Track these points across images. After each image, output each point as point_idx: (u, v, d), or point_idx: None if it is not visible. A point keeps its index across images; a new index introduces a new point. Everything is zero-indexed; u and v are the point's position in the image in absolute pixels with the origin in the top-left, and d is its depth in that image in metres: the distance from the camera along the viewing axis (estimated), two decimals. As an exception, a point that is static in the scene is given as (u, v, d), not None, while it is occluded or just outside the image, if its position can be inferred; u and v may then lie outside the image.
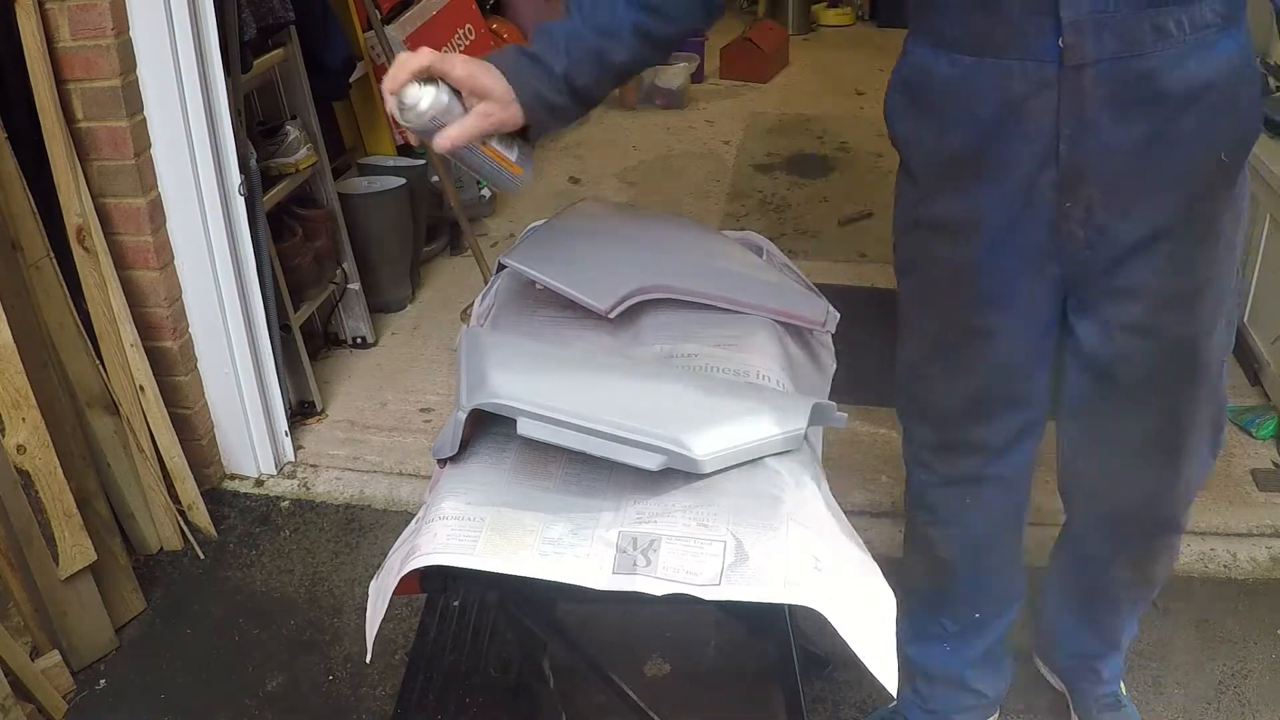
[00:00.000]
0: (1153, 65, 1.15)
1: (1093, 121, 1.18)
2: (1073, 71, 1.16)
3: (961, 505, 1.54)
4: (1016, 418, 1.46)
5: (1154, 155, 1.19)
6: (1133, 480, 1.45)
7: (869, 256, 3.44)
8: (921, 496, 1.59)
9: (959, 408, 1.47)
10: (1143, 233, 1.24)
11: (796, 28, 5.96)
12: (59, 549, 1.90)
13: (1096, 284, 1.30)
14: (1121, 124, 1.18)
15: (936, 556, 1.61)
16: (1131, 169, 1.20)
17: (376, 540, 2.30)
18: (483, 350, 1.20)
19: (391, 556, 1.08)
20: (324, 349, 2.96)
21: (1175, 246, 1.25)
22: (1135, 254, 1.26)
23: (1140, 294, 1.28)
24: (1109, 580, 1.60)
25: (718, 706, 1.90)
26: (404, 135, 3.64)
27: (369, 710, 1.91)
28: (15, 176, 1.93)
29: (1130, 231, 1.24)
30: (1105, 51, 1.14)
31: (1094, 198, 1.23)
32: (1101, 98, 1.17)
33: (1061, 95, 1.17)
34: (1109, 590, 1.63)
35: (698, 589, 0.96)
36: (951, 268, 1.36)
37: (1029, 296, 1.34)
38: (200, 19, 2.10)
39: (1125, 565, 1.57)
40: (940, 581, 1.64)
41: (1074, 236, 1.26)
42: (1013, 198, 1.26)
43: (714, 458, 1.06)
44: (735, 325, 1.39)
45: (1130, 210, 1.23)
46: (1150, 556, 1.56)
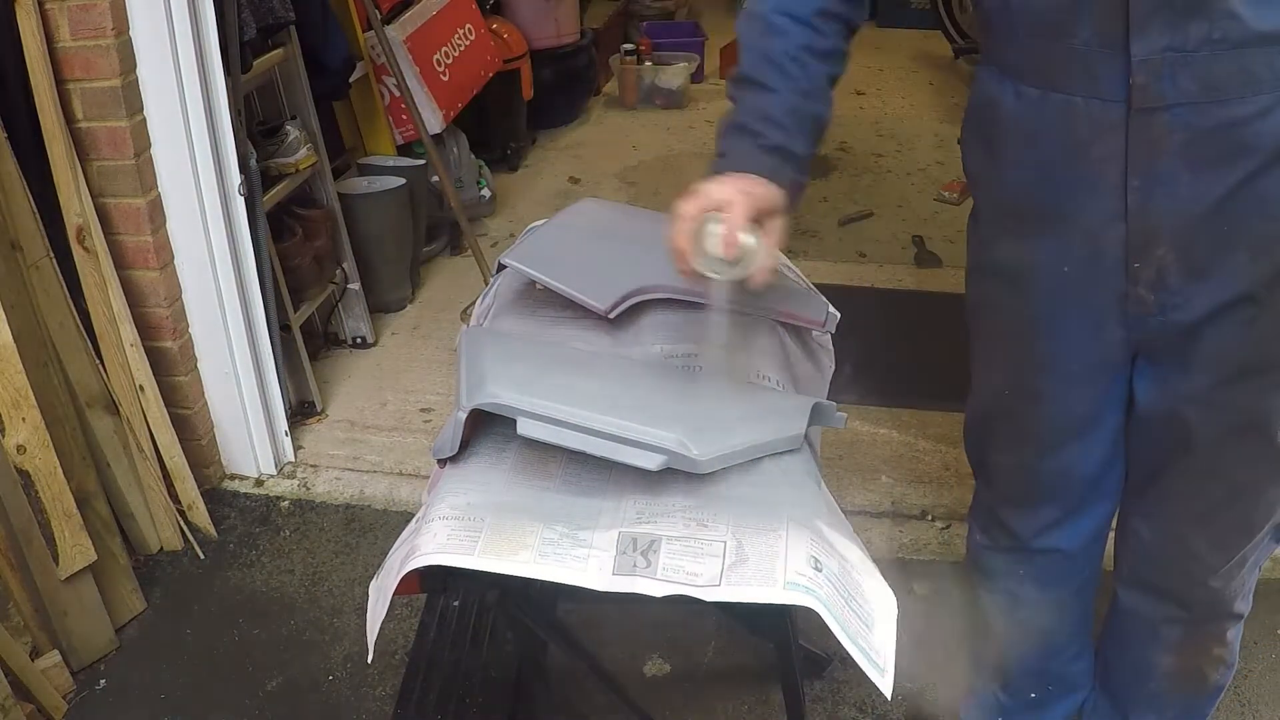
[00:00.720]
0: (1237, 114, 1.02)
1: (1166, 173, 1.06)
2: (1143, 115, 1.04)
3: (1015, 576, 1.44)
4: (1074, 490, 1.35)
5: (1236, 214, 1.07)
6: (1183, 557, 1.33)
7: (869, 256, 3.44)
8: (976, 559, 1.50)
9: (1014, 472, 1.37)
10: (1220, 300, 1.12)
11: (796, 28, 5.95)
12: (59, 549, 1.90)
13: (1167, 352, 1.19)
14: (1199, 178, 1.06)
15: (990, 627, 1.52)
16: (1209, 229, 1.08)
17: (376, 540, 2.30)
18: (483, 350, 1.20)
19: (391, 556, 1.08)
20: (324, 349, 2.96)
21: (1254, 318, 1.12)
22: (1210, 323, 1.14)
23: (1213, 366, 1.17)
24: (1151, 670, 1.45)
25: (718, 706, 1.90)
26: (404, 135, 3.59)
27: (369, 710, 1.91)
28: (15, 176, 1.93)
29: (1206, 299, 1.12)
30: (1182, 95, 1.02)
31: (1167, 259, 1.10)
32: (1176, 147, 1.05)
33: (1130, 141, 1.06)
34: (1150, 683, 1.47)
35: (697, 590, 0.96)
36: (1011, 320, 1.26)
37: (1091, 361, 1.23)
38: (200, 19, 2.10)
39: (1169, 652, 1.42)
40: (994, 651, 1.54)
41: (1143, 301, 1.14)
42: (1075, 252, 1.15)
43: (714, 458, 1.06)
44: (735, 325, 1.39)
45: (1207, 275, 1.11)
46: (1196, 646, 1.41)
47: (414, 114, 3.11)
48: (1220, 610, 1.38)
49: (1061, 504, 1.37)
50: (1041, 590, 1.44)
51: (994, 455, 1.39)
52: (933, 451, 2.50)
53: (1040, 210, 1.16)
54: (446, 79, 3.42)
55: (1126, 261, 1.13)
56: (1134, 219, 1.10)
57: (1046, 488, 1.36)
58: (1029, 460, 1.34)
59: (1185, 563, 1.34)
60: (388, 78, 3.22)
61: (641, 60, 4.87)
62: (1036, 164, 1.14)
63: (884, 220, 3.67)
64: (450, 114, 3.42)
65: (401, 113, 3.25)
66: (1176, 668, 1.44)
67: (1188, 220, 1.08)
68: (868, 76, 5.17)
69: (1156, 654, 1.44)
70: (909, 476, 2.43)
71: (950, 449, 2.51)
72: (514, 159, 4.18)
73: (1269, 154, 1.04)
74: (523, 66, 4.08)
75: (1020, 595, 1.45)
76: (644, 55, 4.88)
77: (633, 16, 5.52)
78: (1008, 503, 1.41)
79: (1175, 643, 1.42)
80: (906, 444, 2.54)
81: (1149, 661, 1.45)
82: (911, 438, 2.56)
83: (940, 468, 2.45)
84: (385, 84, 3.27)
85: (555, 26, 4.32)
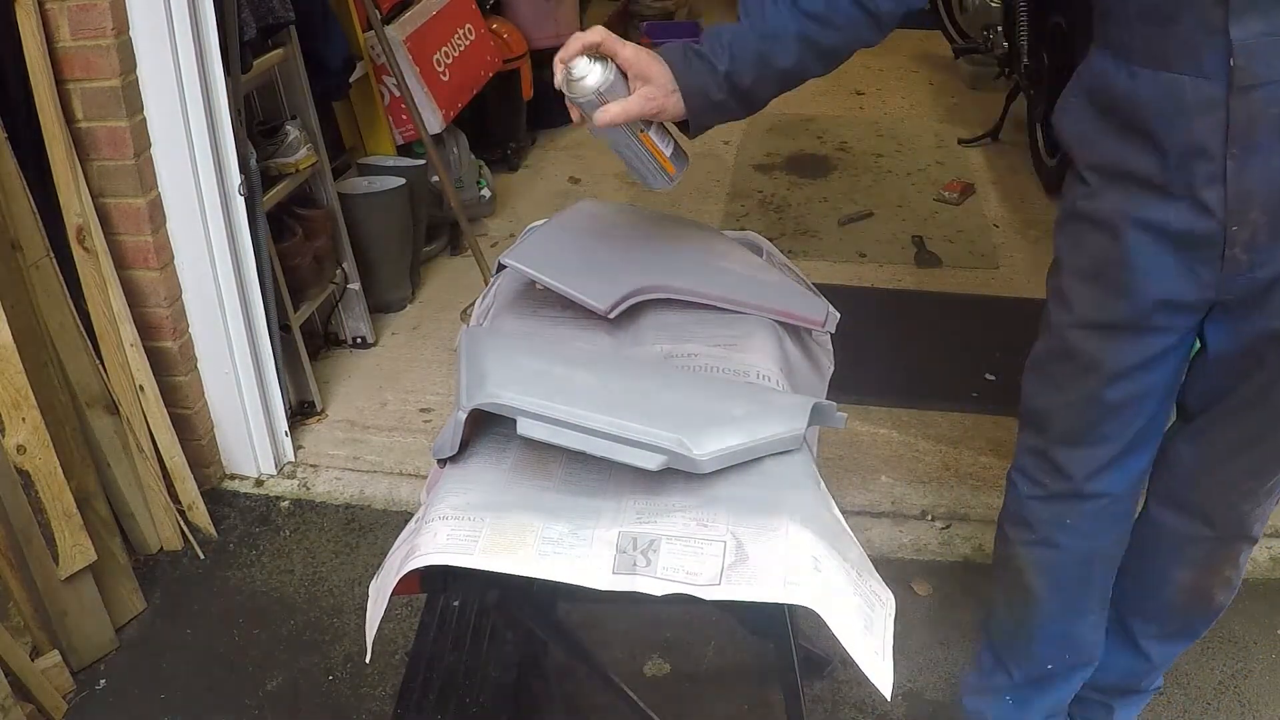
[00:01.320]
0: None
1: (1262, 144, 1.17)
2: (1242, 92, 1.15)
3: (1061, 525, 1.50)
4: (1129, 428, 1.43)
5: None
6: (1221, 479, 1.43)
7: (869, 256, 3.44)
8: (1019, 511, 1.54)
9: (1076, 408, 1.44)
10: None
11: (796, 28, 5.96)
12: (59, 549, 1.90)
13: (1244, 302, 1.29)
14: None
15: (1024, 584, 1.57)
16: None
17: (376, 540, 2.30)
18: (483, 350, 1.20)
19: (391, 556, 1.08)
20: (324, 349, 2.96)
21: None
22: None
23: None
24: (1165, 582, 1.55)
25: (718, 706, 1.91)
26: (404, 135, 3.60)
27: (369, 710, 1.91)
28: (15, 176, 1.93)
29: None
30: (1276, 74, 1.14)
31: (1259, 222, 1.21)
32: (1271, 121, 1.16)
33: (1231, 116, 1.17)
34: (1162, 595, 1.57)
35: (697, 589, 0.96)
36: (1105, 261, 1.34)
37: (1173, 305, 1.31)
38: (200, 19, 2.10)
39: (1187, 567, 1.52)
40: (1021, 616, 1.60)
41: (1237, 261, 1.24)
42: (1179, 212, 1.25)
43: (713, 458, 1.06)
44: (735, 325, 1.39)
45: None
46: (1213, 564, 1.51)
47: (414, 114, 3.11)
48: (1241, 531, 1.48)
49: (1117, 442, 1.44)
50: (1084, 539, 1.51)
51: (1059, 394, 1.45)
52: (933, 451, 2.50)
53: (1149, 173, 1.25)
54: (446, 79, 3.42)
55: (1224, 224, 1.22)
56: (1232, 185, 1.20)
57: (1105, 425, 1.43)
58: (1094, 393, 1.40)
59: (1221, 484, 1.44)
60: (388, 78, 3.22)
61: (642, 60, 4.86)
62: (1147, 133, 1.24)
63: (884, 220, 3.67)
64: (450, 114, 3.42)
65: (401, 113, 3.25)
66: (1191, 583, 1.53)
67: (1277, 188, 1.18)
68: (868, 76, 5.17)
69: (1176, 568, 1.53)
70: (909, 476, 2.43)
71: (950, 449, 2.51)
72: (514, 159, 4.18)
73: None
74: (523, 66, 4.08)
75: (1062, 545, 1.52)
76: (644, 55, 4.88)
77: (633, 16, 5.52)
78: (1064, 444, 1.47)
79: (1195, 559, 1.51)
80: (906, 444, 2.54)
81: (1168, 575, 1.54)
82: (911, 438, 2.56)
83: (940, 468, 2.45)
84: (385, 84, 3.27)
85: (555, 26, 4.32)
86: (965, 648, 1.99)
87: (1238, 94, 1.15)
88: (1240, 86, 1.15)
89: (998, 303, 3.11)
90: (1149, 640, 1.62)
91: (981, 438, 2.53)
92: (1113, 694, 1.71)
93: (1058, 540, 1.51)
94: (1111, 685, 1.70)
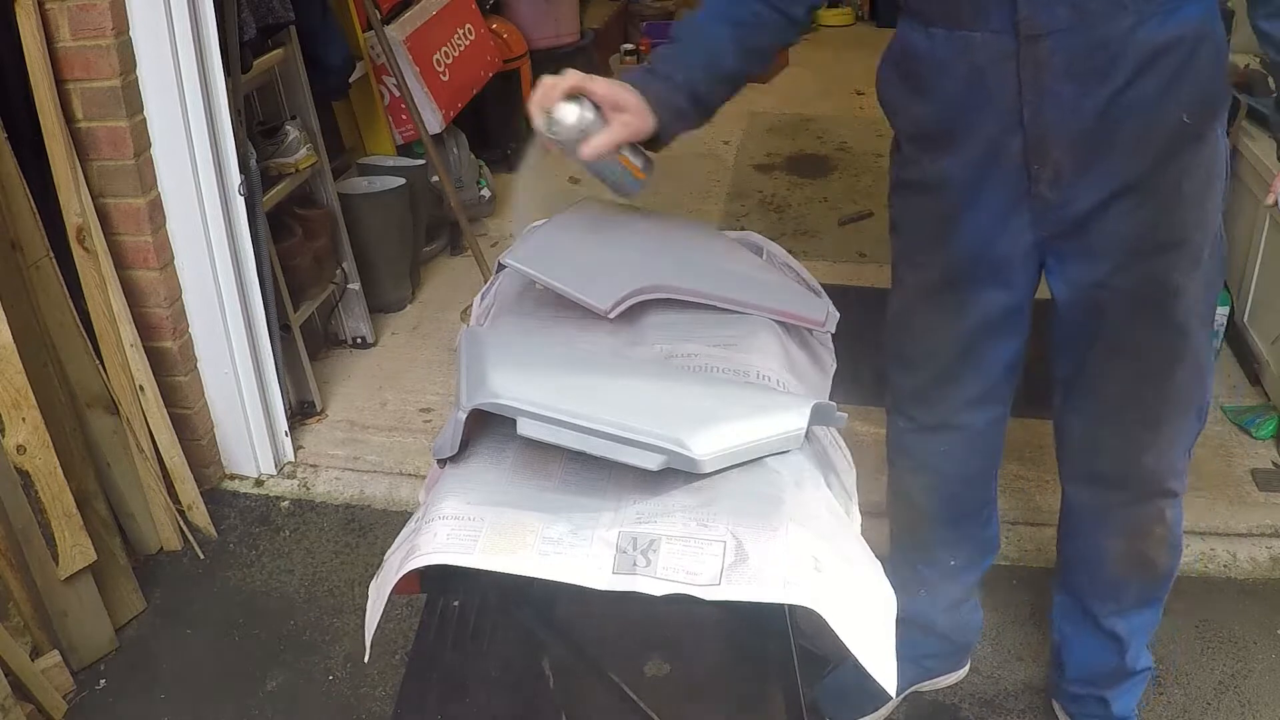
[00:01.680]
0: (1106, 33, 1.22)
1: (1051, 89, 1.25)
2: (1029, 42, 1.23)
3: (937, 453, 1.61)
4: (990, 369, 1.53)
5: (1113, 117, 1.26)
6: (1113, 439, 1.50)
7: (869, 256, 3.44)
8: (900, 443, 1.67)
9: (937, 355, 1.54)
10: (1105, 192, 1.32)
11: (796, 28, 5.96)
12: (59, 549, 1.90)
13: (1068, 243, 1.38)
14: (1080, 90, 1.25)
15: (915, 504, 1.69)
16: (1093, 132, 1.27)
17: (376, 540, 2.30)
18: (483, 350, 1.20)
19: (391, 556, 1.08)
20: (324, 349, 2.96)
21: (1139, 204, 1.32)
22: (1101, 212, 1.33)
23: (1106, 251, 1.36)
24: (1102, 556, 1.60)
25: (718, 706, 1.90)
26: (404, 135, 3.60)
27: (369, 710, 1.91)
28: (15, 176, 1.93)
29: (1094, 191, 1.32)
30: (1059, 22, 1.22)
31: (1061, 161, 1.30)
32: (1058, 66, 1.24)
33: (1021, 65, 1.25)
34: (1104, 570, 1.62)
35: (697, 589, 0.96)
36: (933, 221, 1.45)
37: (1005, 254, 1.41)
38: (200, 19, 2.10)
39: (1115, 535, 1.58)
40: (919, 528, 1.71)
41: (1043, 198, 1.34)
42: (983, 161, 1.34)
43: (714, 457, 1.06)
44: (735, 325, 1.39)
45: (1093, 170, 1.30)
46: (1139, 527, 1.56)
47: (414, 114, 3.11)
48: (1155, 488, 1.53)
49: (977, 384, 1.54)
50: (962, 463, 1.63)
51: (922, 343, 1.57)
52: (933, 451, 2.50)
53: (952, 129, 1.35)
54: (446, 79, 3.42)
55: (1027, 165, 1.32)
56: (1030, 129, 1.29)
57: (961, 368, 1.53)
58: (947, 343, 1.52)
59: (1116, 444, 1.51)
60: (388, 78, 3.22)
61: (641, 60, 4.87)
62: (946, 91, 1.33)
63: (884, 220, 3.64)
64: (450, 114, 3.42)
65: (401, 113, 3.25)
66: (1124, 551, 1.59)
67: (1074, 126, 1.27)
68: (868, 76, 5.13)
69: (1104, 538, 1.59)
70: (909, 476, 2.43)
71: (950, 449, 2.51)
72: (514, 159, 4.18)
73: (1136, 66, 1.23)
74: (523, 66, 4.08)
75: (941, 470, 1.64)
76: (644, 55, 4.88)
77: (633, 16, 5.52)
78: (931, 383, 1.58)
79: (1119, 525, 1.57)
80: (906, 444, 2.54)
81: (1099, 546, 1.61)
82: (911, 438, 2.55)
83: (940, 468, 2.45)
84: (385, 84, 3.27)
85: (555, 26, 4.32)
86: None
87: (1026, 44, 1.24)
88: (1027, 36, 1.23)
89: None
90: (1111, 618, 1.66)
91: (981, 438, 2.53)
92: (1101, 683, 1.74)
93: (937, 465, 1.64)
94: (1095, 674, 1.73)
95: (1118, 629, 1.66)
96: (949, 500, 1.67)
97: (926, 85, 1.36)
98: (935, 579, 1.73)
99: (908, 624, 1.72)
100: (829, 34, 6.10)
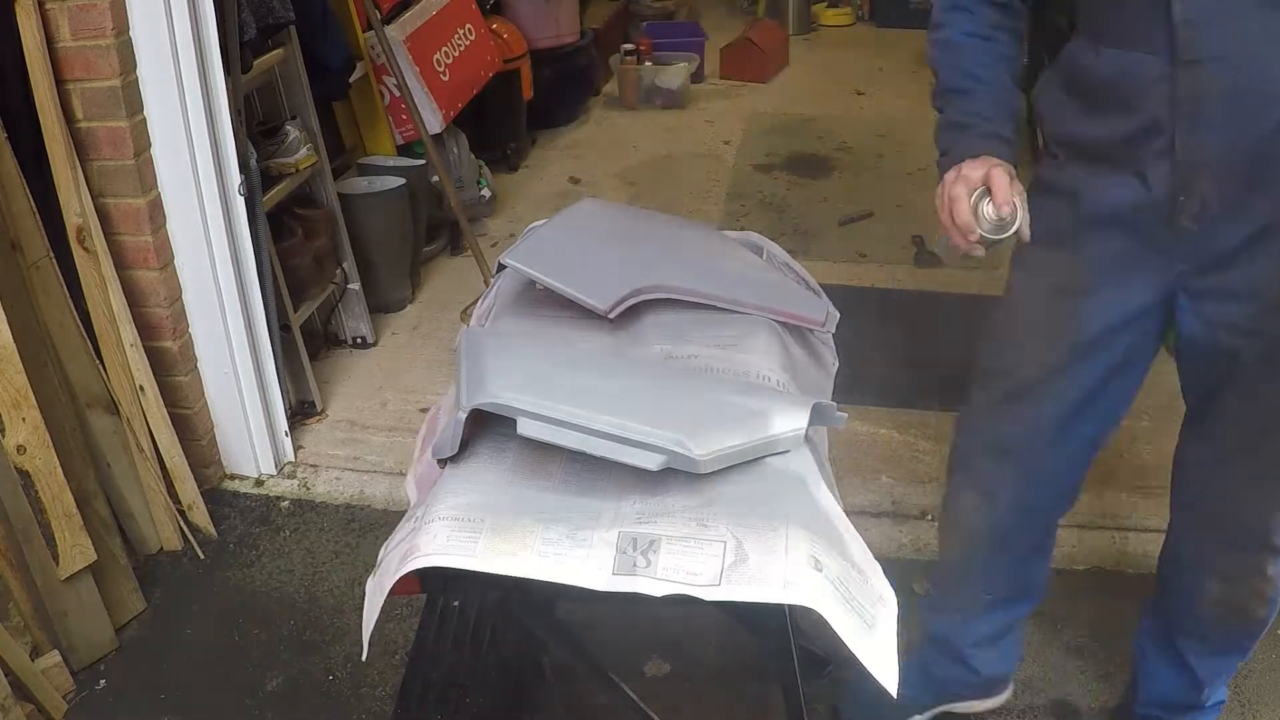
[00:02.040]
0: (1268, 67, 1.17)
1: (1206, 117, 1.21)
2: (1186, 67, 1.20)
3: (999, 475, 1.55)
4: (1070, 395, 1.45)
5: (1269, 155, 1.21)
6: (1227, 484, 1.43)
7: (869, 256, 3.43)
8: (964, 459, 1.61)
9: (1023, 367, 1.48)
10: (1250, 231, 1.26)
11: (796, 28, 5.96)
12: (59, 549, 1.90)
13: (1205, 280, 1.32)
14: (1236, 124, 1.20)
15: (961, 523, 1.63)
16: (1245, 168, 1.22)
17: (376, 540, 2.30)
18: (483, 350, 1.20)
19: (389, 556, 1.08)
20: (324, 349, 2.96)
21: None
22: (1245, 251, 1.27)
23: (1247, 294, 1.29)
24: (1197, 594, 1.54)
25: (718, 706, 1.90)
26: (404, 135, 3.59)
27: (369, 710, 1.91)
28: (15, 176, 1.93)
29: (1240, 228, 1.26)
30: (1217, 49, 1.18)
31: (1208, 193, 1.25)
32: (1215, 94, 1.20)
33: (1176, 90, 1.21)
34: (1196, 608, 1.55)
35: (697, 589, 0.96)
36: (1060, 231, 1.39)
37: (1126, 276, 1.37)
38: (200, 19, 2.10)
39: (1213, 577, 1.51)
40: (964, 551, 1.66)
41: (1187, 231, 1.28)
42: (1132, 182, 1.30)
43: (713, 458, 1.06)
44: (735, 325, 1.39)
45: (1240, 207, 1.25)
46: (1238, 575, 1.49)
47: (414, 114, 3.11)
48: (1262, 541, 1.45)
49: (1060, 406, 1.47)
50: (1018, 492, 1.55)
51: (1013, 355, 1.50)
52: (933, 451, 2.50)
53: (1106, 147, 1.32)
54: (446, 79, 3.42)
55: (1174, 196, 1.27)
56: (1180, 156, 1.24)
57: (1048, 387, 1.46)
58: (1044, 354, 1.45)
59: (1228, 490, 1.44)
60: (388, 78, 3.22)
61: (641, 60, 4.87)
62: (1104, 108, 1.31)
63: (884, 220, 3.66)
64: (450, 114, 3.42)
65: (401, 113, 3.25)
66: (1221, 596, 1.51)
67: (1225, 160, 1.23)
68: (868, 76, 5.17)
69: (1201, 577, 1.52)
70: (909, 477, 2.43)
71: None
72: (514, 159, 4.18)
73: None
74: (523, 66, 4.08)
75: (998, 497, 1.56)
76: (644, 55, 4.88)
77: (633, 16, 5.52)
78: (1007, 399, 1.51)
79: (1218, 569, 1.50)
80: (906, 444, 2.54)
81: (1198, 586, 1.53)
82: (911, 438, 2.56)
83: (940, 468, 2.44)
84: (385, 84, 3.27)
85: (555, 26, 4.32)
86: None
87: (1183, 68, 1.20)
88: (1185, 61, 1.20)
89: (998, 303, 3.11)
90: (1194, 656, 1.61)
91: (981, 438, 2.53)
92: (1172, 711, 1.71)
93: (995, 491, 1.56)
94: (1168, 703, 1.70)
95: (1200, 667, 1.62)
96: (998, 530, 1.59)
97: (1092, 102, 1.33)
98: (969, 606, 1.69)
99: (936, 643, 1.73)
100: (829, 34, 6.10)
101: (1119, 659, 1.93)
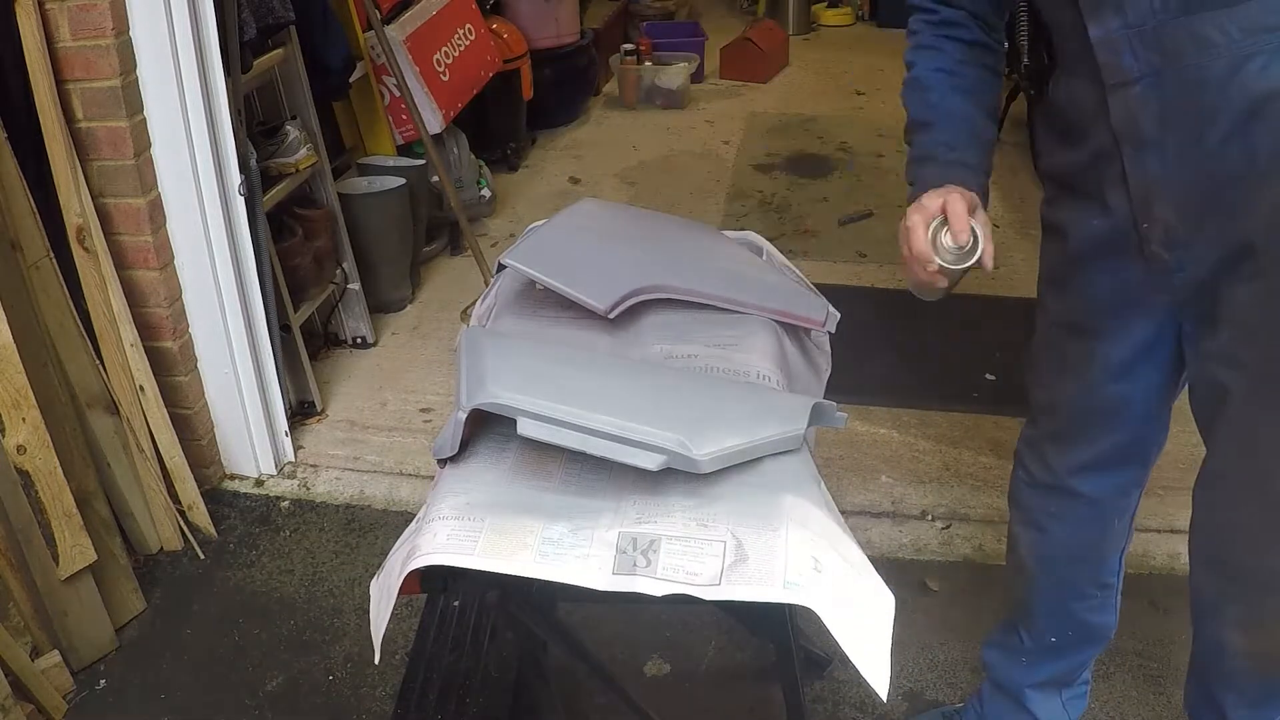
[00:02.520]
0: (1200, 78, 1.10)
1: (1150, 140, 1.16)
2: (1115, 90, 1.16)
3: (1047, 514, 1.52)
4: (1111, 438, 1.43)
5: (1222, 170, 1.14)
6: (1236, 528, 1.35)
7: (869, 256, 3.43)
8: (1014, 492, 1.59)
9: (1056, 407, 1.47)
10: (1224, 251, 1.19)
11: (796, 28, 5.97)
12: (59, 549, 1.90)
13: (1193, 310, 1.27)
14: (1180, 142, 1.14)
15: (1021, 560, 1.60)
16: (1198, 187, 1.16)
17: (376, 540, 2.30)
18: (483, 350, 1.20)
19: (392, 556, 1.08)
20: (324, 349, 2.96)
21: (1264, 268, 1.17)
22: (1224, 276, 1.21)
23: (1229, 320, 1.23)
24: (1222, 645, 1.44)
25: (718, 706, 1.90)
26: (404, 135, 3.59)
27: (369, 710, 1.91)
28: (15, 176, 1.93)
29: (1212, 251, 1.20)
30: (1145, 67, 1.12)
31: (1169, 217, 1.19)
32: (1152, 115, 1.14)
33: (1112, 115, 1.17)
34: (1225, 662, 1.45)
35: (698, 589, 0.96)
36: (1058, 264, 1.39)
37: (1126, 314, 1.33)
38: (200, 19, 2.10)
39: (1234, 628, 1.41)
40: (1022, 589, 1.62)
41: (1159, 258, 1.23)
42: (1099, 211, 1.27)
43: (713, 458, 1.06)
44: (735, 325, 1.39)
45: (1205, 230, 1.18)
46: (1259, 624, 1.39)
47: (414, 114, 3.12)
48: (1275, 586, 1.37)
49: (1097, 445, 1.45)
50: (1068, 530, 1.52)
51: (1046, 390, 1.49)
52: (933, 451, 2.50)
53: (1074, 174, 1.31)
54: (446, 79, 3.42)
55: (1136, 221, 1.23)
56: (1131, 181, 1.20)
57: (1086, 426, 1.45)
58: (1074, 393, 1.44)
59: (1235, 534, 1.37)
60: (388, 78, 3.22)
61: (641, 60, 4.87)
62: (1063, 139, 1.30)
63: (884, 220, 3.66)
64: (450, 114, 3.42)
65: (401, 113, 3.25)
66: (1245, 647, 1.42)
67: (1179, 180, 1.17)
68: (868, 76, 5.17)
69: (1223, 630, 1.44)
70: (909, 476, 2.43)
71: (950, 449, 2.51)
72: (514, 159, 4.18)
73: (1240, 114, 1.10)
74: (523, 66, 4.08)
75: (1049, 530, 1.53)
76: (644, 55, 4.88)
77: (633, 16, 5.52)
78: (1050, 438, 1.50)
79: (1237, 619, 1.41)
80: (906, 444, 2.54)
81: (1220, 637, 1.45)
82: (911, 438, 2.56)
83: (940, 468, 2.45)
84: (385, 84, 3.27)
85: (555, 26, 4.33)
86: (966, 647, 1.99)
87: (1112, 92, 1.16)
88: (1111, 84, 1.16)
89: (998, 303, 3.11)
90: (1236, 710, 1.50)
91: (981, 438, 2.53)
92: None
93: (1045, 525, 1.54)
94: None
95: None
96: (1052, 569, 1.55)
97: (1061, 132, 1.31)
98: (1033, 649, 1.64)
99: (1000, 689, 1.70)
100: (829, 34, 6.10)
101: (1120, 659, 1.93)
